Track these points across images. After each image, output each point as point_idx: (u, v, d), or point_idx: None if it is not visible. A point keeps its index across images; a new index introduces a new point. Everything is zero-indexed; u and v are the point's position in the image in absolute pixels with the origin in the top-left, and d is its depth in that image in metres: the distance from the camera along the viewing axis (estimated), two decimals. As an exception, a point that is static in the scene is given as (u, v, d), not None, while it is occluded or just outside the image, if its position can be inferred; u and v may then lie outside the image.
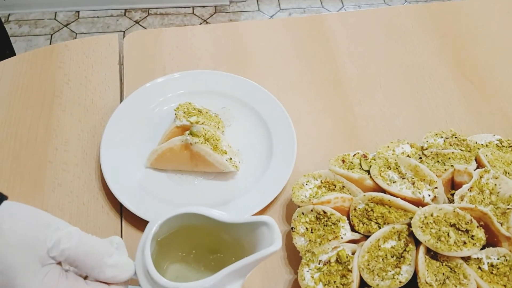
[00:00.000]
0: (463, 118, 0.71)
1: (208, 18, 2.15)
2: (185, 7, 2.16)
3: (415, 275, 0.49)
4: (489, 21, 0.84)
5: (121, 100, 0.70)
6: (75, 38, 2.03)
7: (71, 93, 0.70)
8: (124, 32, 2.06)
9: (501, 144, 0.62)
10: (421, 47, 0.80)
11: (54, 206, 0.59)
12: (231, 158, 0.62)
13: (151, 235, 0.44)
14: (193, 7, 2.17)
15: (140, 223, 0.58)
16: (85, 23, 2.10)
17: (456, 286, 0.48)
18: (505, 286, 0.49)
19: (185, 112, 0.63)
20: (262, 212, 0.60)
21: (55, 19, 2.11)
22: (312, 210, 0.55)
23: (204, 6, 2.17)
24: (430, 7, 0.87)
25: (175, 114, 0.63)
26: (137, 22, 2.10)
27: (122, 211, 0.60)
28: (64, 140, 0.65)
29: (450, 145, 0.60)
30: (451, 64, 0.78)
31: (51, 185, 0.61)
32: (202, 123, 0.63)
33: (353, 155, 0.61)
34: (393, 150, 0.61)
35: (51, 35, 2.05)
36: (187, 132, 0.60)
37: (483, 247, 0.51)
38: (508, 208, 0.52)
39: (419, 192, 0.54)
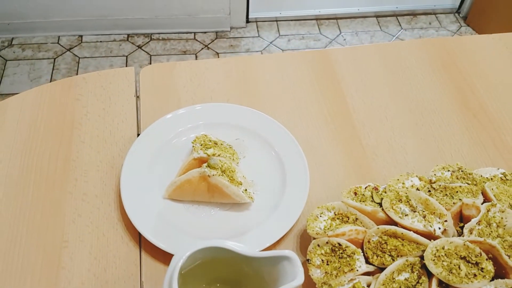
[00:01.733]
0: (467, 151, 0.74)
1: (210, 43, 2.19)
2: (187, 33, 2.21)
3: (428, 307, 0.51)
4: (490, 57, 0.88)
5: (138, 131, 0.73)
6: (78, 62, 2.06)
7: (90, 124, 0.73)
8: (127, 56, 2.09)
9: (505, 177, 0.65)
10: (425, 81, 0.84)
11: (74, 237, 0.61)
12: (246, 190, 0.65)
13: (178, 267, 0.46)
14: (194, 32, 2.21)
15: (159, 253, 0.60)
16: (88, 48, 2.13)
17: (468, 318, 0.50)
18: (514, 317, 0.51)
19: (202, 144, 0.66)
20: (277, 243, 0.62)
21: (58, 43, 2.14)
22: (327, 242, 0.57)
23: (205, 32, 2.22)
24: (433, 42, 0.91)
25: (193, 146, 0.65)
26: (139, 47, 2.14)
27: (141, 242, 0.61)
28: (84, 171, 0.67)
29: (457, 178, 0.63)
30: (454, 98, 0.81)
31: (72, 216, 0.63)
32: (219, 155, 0.65)
33: (365, 188, 0.63)
34: (403, 183, 0.64)
35: (54, 59, 2.08)
36: (205, 164, 0.63)
37: (492, 279, 0.53)
38: (515, 241, 0.54)
39: (430, 225, 0.56)
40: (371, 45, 0.90)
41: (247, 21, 2.28)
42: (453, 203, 0.59)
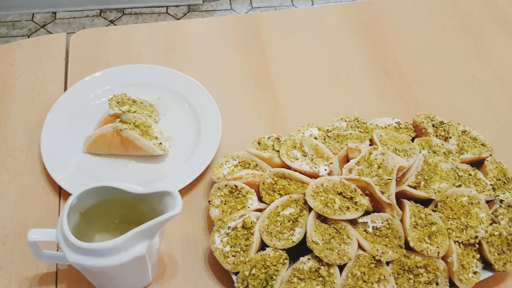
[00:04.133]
0: (375, 105, 0.79)
1: (182, 17, 2.22)
2: (159, 7, 2.23)
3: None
4: (409, 18, 0.93)
5: (66, 92, 0.78)
6: (51, 38, 2.10)
7: (21, 87, 0.78)
8: (98, 32, 2.12)
9: (399, 126, 0.70)
10: (344, 42, 0.88)
11: (0, 188, 0.67)
12: (160, 143, 0.70)
13: (68, 205, 0.52)
14: (167, 6, 2.23)
15: (77, 201, 0.66)
16: (61, 24, 2.16)
17: (340, 244, 0.56)
18: (386, 245, 0.57)
19: (119, 102, 0.71)
20: (189, 190, 0.68)
21: (32, 20, 2.17)
22: (226, 185, 0.63)
23: (177, 6, 2.24)
24: (355, 5, 0.95)
25: (109, 103, 0.70)
26: (112, 21, 2.17)
27: (61, 191, 0.67)
28: (12, 129, 0.73)
29: (351, 127, 0.68)
30: (369, 58, 0.86)
31: (-1, 169, 0.69)
32: (134, 112, 0.70)
33: (268, 138, 0.69)
34: (303, 133, 0.69)
35: (29, 36, 2.11)
36: (118, 119, 0.68)
37: (369, 213, 0.59)
38: (389, 179, 0.60)
39: (316, 167, 0.62)
40: (296, 10, 0.94)
41: (219, -6, 2.30)
42: (341, 148, 0.65)
